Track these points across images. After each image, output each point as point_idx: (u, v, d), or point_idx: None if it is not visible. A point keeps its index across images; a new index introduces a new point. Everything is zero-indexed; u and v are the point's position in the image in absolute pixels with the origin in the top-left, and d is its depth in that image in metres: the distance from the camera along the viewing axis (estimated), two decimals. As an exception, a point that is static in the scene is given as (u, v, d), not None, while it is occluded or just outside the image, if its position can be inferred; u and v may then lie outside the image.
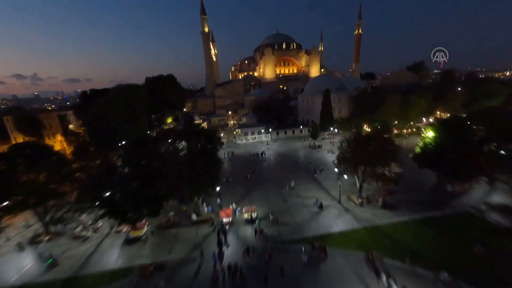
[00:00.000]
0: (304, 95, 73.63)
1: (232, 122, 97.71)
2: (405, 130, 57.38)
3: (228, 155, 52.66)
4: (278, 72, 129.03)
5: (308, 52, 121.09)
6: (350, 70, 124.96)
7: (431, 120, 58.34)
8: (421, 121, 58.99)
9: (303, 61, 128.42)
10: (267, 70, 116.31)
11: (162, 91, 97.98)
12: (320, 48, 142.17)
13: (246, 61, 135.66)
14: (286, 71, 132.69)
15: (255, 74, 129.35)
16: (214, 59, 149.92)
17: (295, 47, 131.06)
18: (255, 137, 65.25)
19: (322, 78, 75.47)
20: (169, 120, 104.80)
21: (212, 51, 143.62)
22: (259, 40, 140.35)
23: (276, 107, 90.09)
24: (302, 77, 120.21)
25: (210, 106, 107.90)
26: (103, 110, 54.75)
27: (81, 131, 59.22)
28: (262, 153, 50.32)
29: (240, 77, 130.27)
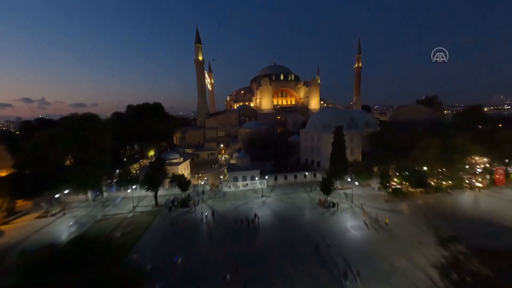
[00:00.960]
0: (307, 131, 60.01)
1: (223, 158, 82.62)
2: (444, 182, 42.38)
3: (206, 216, 35.96)
4: (275, 103, 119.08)
5: (307, 84, 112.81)
6: (351, 103, 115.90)
7: (478, 170, 44.19)
8: (463, 170, 44.37)
9: (301, 93, 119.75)
10: (264, 101, 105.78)
11: (146, 120, 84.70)
12: (317, 80, 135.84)
13: (242, 91, 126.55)
14: (284, 102, 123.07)
15: (251, 104, 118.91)
16: (210, 89, 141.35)
17: (293, 78, 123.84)
18: (247, 184, 49.24)
19: (329, 111, 62.41)
20: (151, 153, 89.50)
21: (208, 81, 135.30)
22: (257, 71, 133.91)
23: (274, 142, 76.30)
24: (301, 109, 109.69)
25: (200, 138, 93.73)
26: (44, 147, 39.04)
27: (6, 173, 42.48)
28: (254, 217, 33.89)
29: (236, 107, 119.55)
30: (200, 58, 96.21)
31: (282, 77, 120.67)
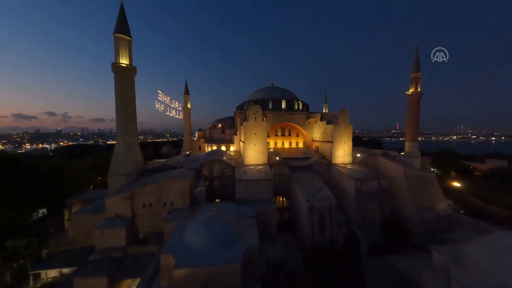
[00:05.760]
0: None
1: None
2: None
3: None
4: (272, 145, 65.10)
5: (328, 119, 59.55)
6: (402, 154, 61.85)
7: None
8: None
9: (315, 132, 66.30)
10: (250, 149, 50.89)
11: None
12: (324, 110, 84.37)
13: (220, 125, 72.66)
14: (286, 145, 68.95)
15: (232, 149, 64.28)
16: (181, 116, 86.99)
17: (300, 107, 71.25)
18: None
19: None
20: None
21: (173, 105, 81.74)
22: (248, 95, 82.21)
23: None
24: (317, 164, 54.61)
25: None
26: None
27: None
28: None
29: (207, 151, 64.89)
30: (125, 61, 42.83)
31: (284, 105, 68.19)
